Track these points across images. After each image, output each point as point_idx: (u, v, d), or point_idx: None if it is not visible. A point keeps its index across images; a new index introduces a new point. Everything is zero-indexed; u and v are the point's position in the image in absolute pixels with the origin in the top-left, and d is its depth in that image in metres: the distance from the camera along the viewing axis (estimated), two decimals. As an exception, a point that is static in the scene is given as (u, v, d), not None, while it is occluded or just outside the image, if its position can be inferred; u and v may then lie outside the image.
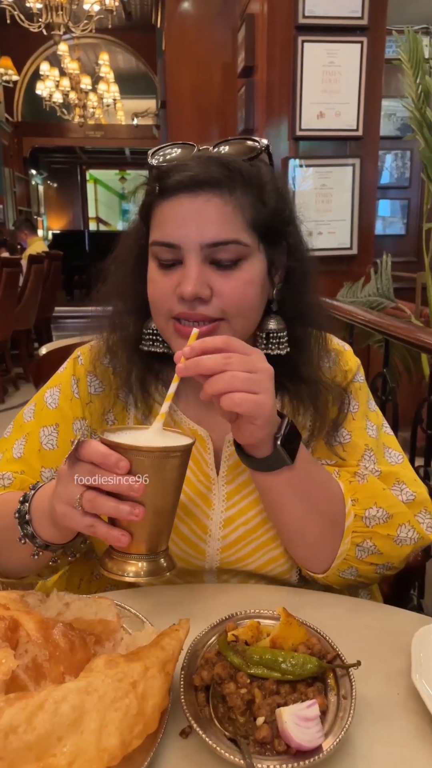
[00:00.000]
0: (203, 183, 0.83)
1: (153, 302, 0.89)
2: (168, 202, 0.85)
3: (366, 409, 1.02)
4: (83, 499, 0.69)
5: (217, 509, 0.97)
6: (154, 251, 0.88)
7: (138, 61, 12.14)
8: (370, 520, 0.90)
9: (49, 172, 16.95)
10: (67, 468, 0.71)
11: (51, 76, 10.74)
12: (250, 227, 0.86)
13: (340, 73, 3.53)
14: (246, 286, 0.86)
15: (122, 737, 0.59)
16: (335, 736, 0.63)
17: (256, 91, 3.83)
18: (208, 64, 5.18)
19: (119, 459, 0.67)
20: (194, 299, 0.83)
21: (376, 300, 3.28)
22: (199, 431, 0.98)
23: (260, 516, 0.96)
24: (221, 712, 0.67)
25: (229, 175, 0.84)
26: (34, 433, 0.99)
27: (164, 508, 0.71)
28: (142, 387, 0.97)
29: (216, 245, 0.83)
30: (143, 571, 0.71)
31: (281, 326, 0.93)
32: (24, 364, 6.20)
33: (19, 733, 0.55)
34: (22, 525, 0.81)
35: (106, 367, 0.99)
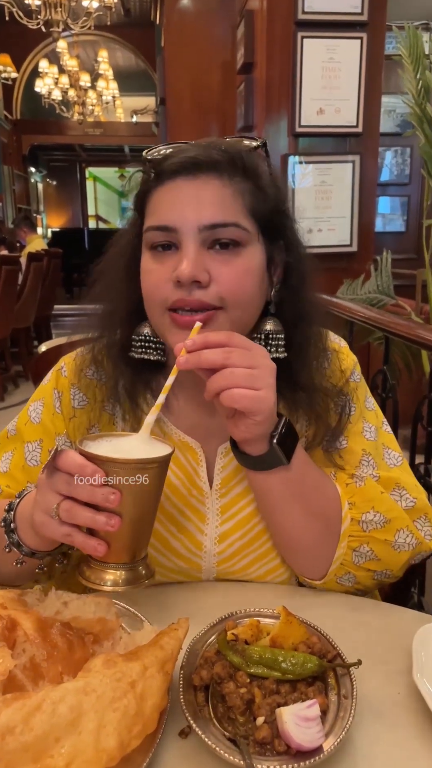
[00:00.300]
0: (202, 165, 0.81)
1: (147, 294, 0.86)
2: (165, 187, 0.83)
3: (363, 409, 0.99)
4: (60, 508, 0.69)
5: (212, 524, 0.95)
6: (149, 238, 0.84)
7: (137, 58, 12.12)
8: (367, 524, 0.89)
9: (48, 170, 16.92)
10: (45, 477, 0.71)
11: (50, 73, 10.71)
12: (249, 214, 0.83)
13: (339, 69, 3.52)
14: (245, 274, 0.83)
15: (121, 738, 0.58)
16: (336, 736, 0.62)
17: (255, 87, 3.82)
18: (207, 61, 5.16)
19: (95, 470, 0.66)
20: (192, 283, 0.80)
21: (376, 297, 3.27)
22: (191, 443, 0.95)
23: (256, 528, 0.94)
24: (221, 711, 0.67)
25: (229, 159, 0.82)
26: (20, 449, 0.98)
27: (141, 518, 0.70)
28: (130, 397, 0.93)
29: (215, 227, 0.81)
30: (121, 579, 0.71)
31: (279, 328, 0.90)
32: (23, 362, 6.19)
33: (16, 734, 0.55)
34: (8, 533, 0.81)
35: (90, 379, 0.96)
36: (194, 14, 5.22)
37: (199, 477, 0.95)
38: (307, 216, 3.68)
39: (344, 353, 1.01)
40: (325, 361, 0.96)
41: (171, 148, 0.87)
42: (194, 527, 0.95)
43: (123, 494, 0.67)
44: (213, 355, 0.74)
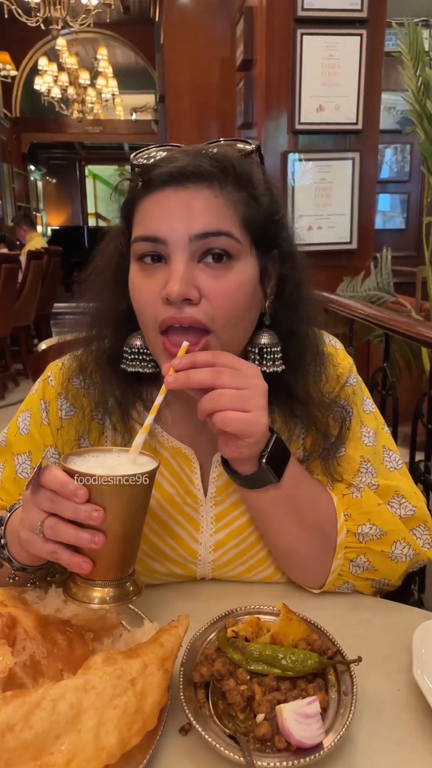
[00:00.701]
0: (191, 175, 0.77)
1: (138, 311, 0.82)
2: (152, 197, 0.79)
3: (361, 414, 0.97)
4: (44, 526, 0.68)
5: (206, 532, 0.94)
6: (137, 249, 0.80)
7: (137, 56, 12.09)
8: (363, 536, 0.88)
9: (48, 168, 16.91)
10: (30, 494, 0.70)
11: (49, 71, 10.69)
12: (242, 225, 0.79)
13: (339, 66, 3.51)
14: (237, 290, 0.79)
15: (121, 735, 0.58)
16: (336, 733, 0.62)
17: (254, 84, 3.81)
18: (206, 58, 5.15)
19: (78, 488, 0.65)
20: (181, 300, 0.76)
21: (376, 294, 3.27)
22: (184, 449, 0.93)
23: (252, 537, 0.94)
24: (221, 708, 0.67)
25: (220, 168, 0.78)
26: (9, 461, 0.96)
27: (127, 535, 0.69)
28: (121, 408, 0.91)
29: (206, 236, 0.76)
30: (109, 597, 0.69)
31: (275, 341, 0.87)
32: (24, 360, 6.19)
33: (16, 732, 0.55)
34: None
35: (78, 388, 0.93)
36: (193, 11, 5.21)
37: (193, 484, 0.94)
38: (307, 213, 3.67)
39: (339, 357, 0.98)
40: (322, 370, 0.93)
41: (161, 151, 0.84)
42: (188, 535, 0.94)
43: (107, 511, 0.66)
44: (201, 375, 0.73)
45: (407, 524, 0.91)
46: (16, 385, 5.92)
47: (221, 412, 0.74)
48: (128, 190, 0.85)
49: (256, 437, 0.77)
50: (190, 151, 0.81)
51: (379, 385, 2.43)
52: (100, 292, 0.91)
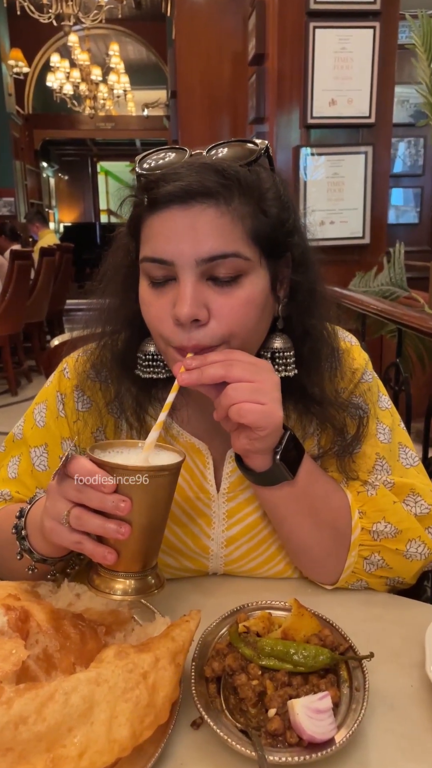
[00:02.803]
0: (196, 193, 0.74)
1: (149, 325, 0.82)
2: (158, 216, 0.77)
3: (376, 410, 0.96)
4: (70, 515, 0.68)
5: (218, 528, 0.94)
6: (145, 268, 0.80)
7: (148, 52, 12.08)
8: (378, 534, 0.88)
9: (60, 165, 16.94)
10: (55, 484, 0.70)
11: (61, 67, 10.73)
12: (250, 239, 0.77)
13: (352, 60, 3.47)
14: (247, 307, 0.78)
15: (133, 728, 0.59)
16: (348, 729, 0.62)
17: (266, 78, 3.79)
18: (218, 53, 5.13)
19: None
20: (190, 321, 0.76)
21: (389, 289, 3.24)
22: (198, 445, 0.93)
23: (264, 532, 0.94)
24: (232, 703, 0.67)
25: (224, 184, 0.75)
26: (26, 454, 0.97)
27: (152, 527, 0.70)
28: (137, 407, 0.91)
29: (213, 259, 0.75)
30: (131, 588, 0.70)
31: (288, 345, 0.85)
32: (36, 356, 6.22)
33: (29, 724, 0.55)
34: (20, 540, 0.80)
35: (94, 381, 0.93)
36: (205, 5, 5.19)
37: (206, 480, 0.94)
38: (319, 208, 3.65)
39: (355, 353, 0.97)
40: (336, 364, 0.92)
41: (170, 152, 0.82)
42: (200, 530, 0.94)
43: (133, 502, 0.66)
44: (213, 370, 0.74)
45: (423, 522, 0.90)
46: (29, 382, 5.96)
47: (237, 404, 0.74)
48: (134, 204, 0.83)
49: (271, 429, 0.77)
50: (195, 164, 0.77)
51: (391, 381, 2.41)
52: (112, 296, 0.91)
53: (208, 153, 0.80)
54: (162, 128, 11.96)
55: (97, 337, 0.92)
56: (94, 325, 0.93)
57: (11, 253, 5.35)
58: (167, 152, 0.82)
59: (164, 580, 0.74)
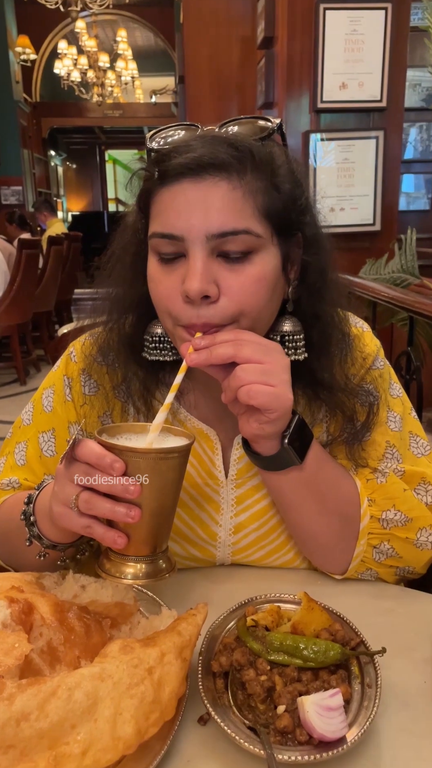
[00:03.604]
0: (208, 165, 0.73)
1: (156, 303, 0.81)
2: (169, 189, 0.75)
3: (387, 398, 0.94)
4: (79, 499, 0.68)
5: (226, 515, 0.93)
6: (154, 244, 0.78)
7: (156, 38, 11.97)
8: (388, 522, 0.87)
9: (68, 153, 16.89)
10: (63, 468, 0.70)
11: (69, 54, 10.65)
12: (262, 216, 0.76)
13: (363, 42, 3.41)
14: (258, 284, 0.76)
15: (138, 725, 0.57)
16: (360, 727, 0.60)
17: (276, 62, 3.73)
18: (226, 37, 5.06)
19: (114, 460, 0.65)
20: (200, 298, 0.74)
21: (400, 276, 3.20)
22: (206, 430, 0.92)
23: (273, 520, 0.93)
24: (240, 699, 0.65)
25: (238, 156, 0.74)
26: (34, 439, 0.96)
27: (162, 510, 0.69)
28: (144, 391, 0.90)
29: (224, 235, 0.73)
30: (141, 573, 0.69)
31: (297, 328, 0.84)
32: (45, 346, 6.23)
33: (31, 721, 0.54)
34: (28, 526, 0.79)
35: (101, 365, 0.92)
36: (214, -12, 5.11)
37: (215, 466, 0.93)
38: (329, 195, 3.60)
39: (366, 339, 0.95)
40: (347, 350, 0.90)
41: (180, 130, 0.80)
42: (208, 517, 0.93)
43: (142, 485, 0.65)
44: (223, 349, 0.72)
45: None
46: (38, 371, 5.97)
47: (246, 385, 0.72)
48: (144, 179, 0.81)
49: (281, 412, 0.75)
50: (207, 136, 0.76)
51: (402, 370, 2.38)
52: (119, 278, 0.89)
53: (221, 129, 0.79)
54: (170, 115, 11.86)
55: (105, 321, 0.91)
56: (101, 310, 0.92)
57: (19, 242, 5.34)
58: (178, 129, 0.80)
59: (175, 563, 0.73)
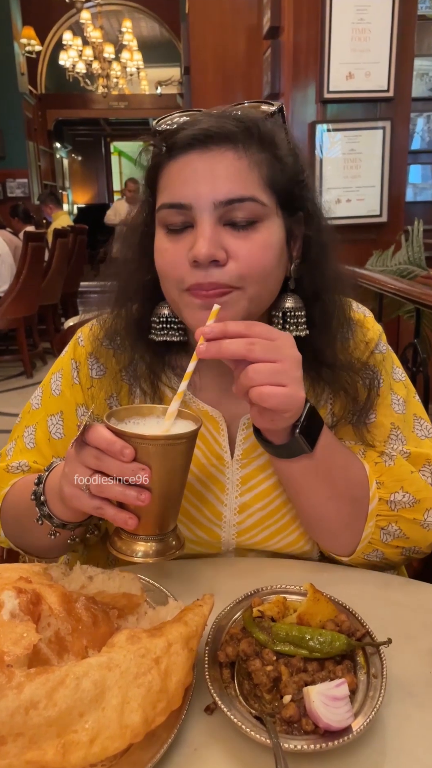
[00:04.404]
0: (215, 136, 0.77)
1: (162, 273, 0.83)
2: (177, 162, 0.79)
3: (390, 381, 0.96)
4: (91, 483, 0.69)
5: (231, 494, 0.94)
6: (162, 216, 0.81)
7: (161, 28, 11.90)
8: (396, 504, 0.88)
9: (73, 145, 16.84)
10: (74, 452, 0.71)
11: (74, 45, 10.60)
12: (266, 186, 0.79)
13: (370, 31, 3.38)
14: (264, 250, 0.79)
15: (145, 714, 0.58)
16: (365, 717, 0.61)
17: (282, 52, 3.70)
18: (232, 27, 5.02)
19: (124, 446, 0.66)
20: (209, 262, 0.77)
21: (407, 268, 3.18)
22: (211, 412, 0.94)
23: (278, 501, 0.93)
24: (247, 689, 0.66)
25: (243, 128, 0.78)
26: (42, 422, 0.98)
27: (171, 492, 0.71)
28: (150, 374, 0.92)
29: (231, 202, 0.77)
30: (152, 550, 0.71)
31: (299, 305, 0.87)
32: (51, 338, 6.24)
33: (40, 709, 0.54)
34: (39, 506, 0.81)
35: (108, 349, 0.94)
36: (219, -22, 5.07)
37: (220, 446, 0.94)
38: (336, 186, 3.58)
39: (369, 324, 0.97)
40: (349, 335, 0.92)
41: (184, 116, 0.84)
42: (214, 497, 0.94)
43: (152, 469, 0.67)
44: (234, 347, 0.72)
45: None
46: (44, 364, 5.99)
47: (259, 388, 0.72)
48: (152, 156, 0.85)
49: (293, 411, 0.75)
50: (214, 113, 0.80)
51: (409, 362, 2.38)
52: (127, 262, 0.91)
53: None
54: (176, 106, 11.78)
55: (112, 306, 0.93)
56: (108, 298, 0.94)
57: (25, 235, 5.34)
58: (183, 115, 0.84)
59: (184, 541, 0.75)
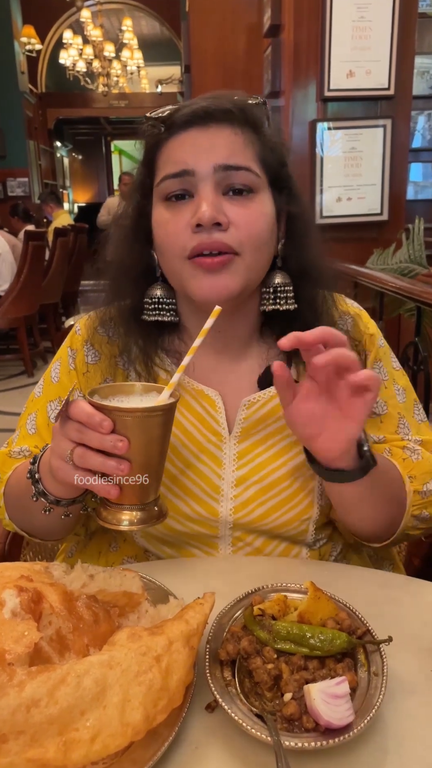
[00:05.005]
0: (214, 113, 0.84)
1: (164, 244, 0.87)
2: (177, 138, 0.86)
3: (392, 371, 1.02)
4: (74, 454, 0.73)
5: (228, 469, 0.96)
6: (163, 189, 0.87)
7: (162, 26, 11.89)
8: (427, 493, 0.93)
9: (73, 144, 16.84)
10: (59, 426, 0.75)
11: (74, 44, 10.60)
12: (259, 162, 0.87)
13: (371, 29, 3.38)
14: (260, 217, 0.86)
15: (146, 712, 0.58)
16: (366, 714, 0.61)
17: (282, 50, 3.69)
18: (233, 25, 5.02)
19: (103, 419, 0.69)
20: (212, 224, 0.82)
21: (407, 267, 3.18)
22: (207, 391, 0.97)
23: (274, 475, 0.95)
24: (247, 687, 0.66)
25: (239, 110, 0.86)
26: (43, 408, 1.02)
27: (150, 462, 0.74)
28: (144, 356, 0.96)
29: (229, 168, 0.84)
30: (137, 519, 0.75)
31: (287, 281, 0.93)
32: (52, 337, 6.24)
33: (41, 707, 0.54)
34: (34, 483, 0.84)
35: (103, 336, 0.99)
36: (220, -24, 5.06)
37: (218, 423, 0.96)
38: (336, 184, 3.58)
39: (365, 318, 1.03)
40: (342, 317, 1.00)
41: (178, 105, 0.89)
42: (211, 471, 0.96)
43: (131, 441, 0.70)
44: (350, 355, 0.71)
45: None
46: (45, 363, 5.99)
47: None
48: (150, 136, 0.90)
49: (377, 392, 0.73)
50: (209, 95, 0.88)
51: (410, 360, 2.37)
52: (121, 250, 0.96)
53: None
54: (176, 105, 11.77)
55: (106, 293, 0.99)
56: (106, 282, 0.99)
57: (25, 234, 5.34)
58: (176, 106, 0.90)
59: (167, 510, 0.79)
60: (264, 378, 0.97)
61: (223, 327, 0.93)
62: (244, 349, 0.99)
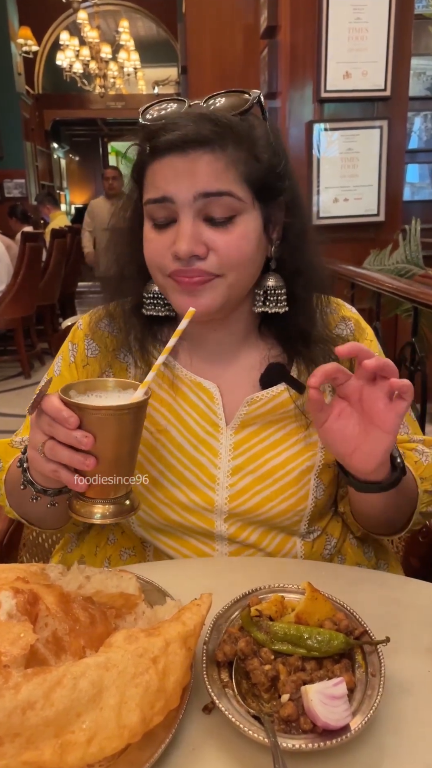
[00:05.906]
0: (192, 141, 0.83)
1: (148, 260, 0.90)
2: (159, 162, 0.85)
3: None
4: (45, 447, 0.75)
5: (224, 458, 0.97)
6: (149, 211, 0.88)
7: (158, 28, 11.90)
8: None
9: (70, 145, 16.83)
10: (34, 417, 0.77)
11: (71, 45, 10.60)
12: (244, 182, 0.85)
13: (367, 30, 3.38)
14: (241, 241, 0.86)
15: (143, 713, 0.58)
16: (363, 715, 0.61)
17: (279, 52, 3.70)
18: (229, 26, 5.02)
19: (70, 415, 0.71)
20: (190, 257, 0.84)
21: (404, 267, 3.19)
22: (205, 384, 0.98)
23: (268, 465, 0.96)
24: (245, 688, 0.66)
25: (219, 132, 0.83)
26: None
27: (120, 458, 0.75)
28: (141, 346, 0.99)
29: (209, 195, 0.83)
30: (108, 512, 0.76)
31: (280, 284, 0.93)
32: (49, 339, 6.23)
33: (37, 709, 0.54)
34: (23, 473, 0.86)
35: (103, 331, 1.03)
36: (216, -22, 5.06)
37: (215, 414, 0.97)
38: (333, 185, 3.58)
39: (363, 324, 1.05)
40: (328, 312, 1.01)
41: (172, 103, 0.90)
42: (207, 460, 0.97)
43: (97, 437, 0.72)
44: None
45: None
46: (42, 364, 5.98)
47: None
48: (138, 152, 0.92)
49: (410, 401, 0.76)
50: (192, 114, 0.85)
51: (407, 361, 2.38)
52: (121, 243, 0.99)
53: (205, 103, 0.89)
54: (173, 106, 11.78)
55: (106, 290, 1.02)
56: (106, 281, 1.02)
57: (22, 235, 5.33)
58: (168, 103, 0.91)
59: (139, 503, 0.80)
60: (266, 377, 0.98)
61: (216, 326, 0.96)
62: (241, 345, 1.00)
